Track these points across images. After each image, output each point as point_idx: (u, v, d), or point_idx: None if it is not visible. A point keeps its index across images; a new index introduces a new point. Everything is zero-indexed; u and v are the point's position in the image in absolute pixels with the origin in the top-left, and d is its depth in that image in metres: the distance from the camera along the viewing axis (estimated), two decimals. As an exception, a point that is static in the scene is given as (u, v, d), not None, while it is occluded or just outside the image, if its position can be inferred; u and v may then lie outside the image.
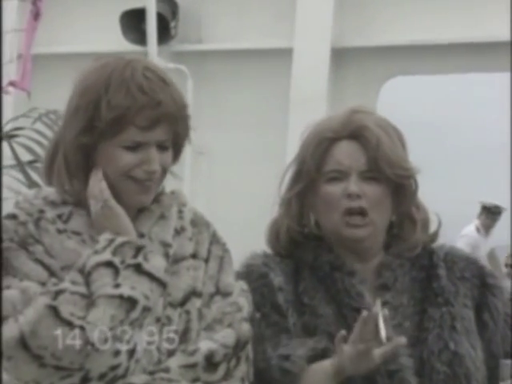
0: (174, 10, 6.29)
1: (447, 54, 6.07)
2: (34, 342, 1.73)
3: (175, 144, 1.87)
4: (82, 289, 1.77)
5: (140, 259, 1.80)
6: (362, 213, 1.98)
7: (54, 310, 1.73)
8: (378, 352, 1.83)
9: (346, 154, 2.03)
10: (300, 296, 2.04)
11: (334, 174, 2.00)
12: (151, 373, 1.80)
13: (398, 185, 2.00)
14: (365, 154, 2.00)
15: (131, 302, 1.78)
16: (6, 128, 3.96)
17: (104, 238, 1.82)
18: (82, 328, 1.72)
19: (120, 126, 1.82)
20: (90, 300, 1.78)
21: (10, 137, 3.84)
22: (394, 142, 2.02)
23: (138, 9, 5.87)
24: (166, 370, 1.81)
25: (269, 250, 2.10)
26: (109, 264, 1.79)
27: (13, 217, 1.89)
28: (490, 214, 9.68)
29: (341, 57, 6.20)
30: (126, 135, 1.82)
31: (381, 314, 1.82)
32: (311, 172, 2.02)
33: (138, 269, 1.79)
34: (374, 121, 2.03)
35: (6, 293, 1.79)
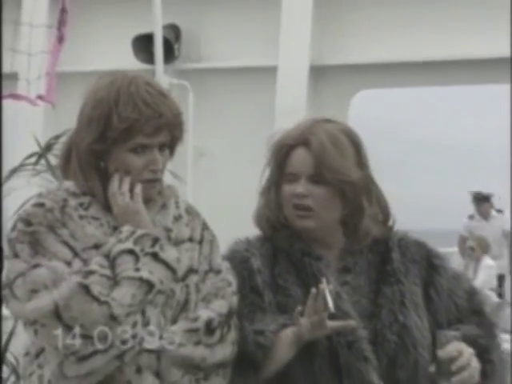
0: (177, 34, 6.53)
1: (408, 71, 6.40)
2: (66, 313, 1.83)
3: (171, 144, 2.01)
4: (108, 271, 1.87)
5: (157, 249, 1.90)
6: (307, 209, 2.10)
7: (85, 288, 1.84)
8: (330, 324, 1.99)
9: (299, 159, 2.12)
10: (275, 278, 2.13)
11: (290, 177, 2.12)
12: (159, 337, 1.90)
13: (340, 187, 2.10)
14: (312, 160, 2.09)
15: (149, 285, 1.89)
16: (45, 143, 4.35)
17: (126, 229, 1.91)
18: (107, 304, 1.84)
19: (130, 135, 1.93)
20: (114, 281, 1.87)
21: (48, 150, 4.26)
22: (340, 151, 2.11)
23: (146, 34, 5.99)
24: (173, 334, 1.92)
25: (252, 235, 2.21)
26: (130, 252, 1.89)
27: (41, 205, 1.97)
28: (477, 200, 9.83)
29: (318, 74, 6.42)
30: (134, 141, 1.95)
31: (327, 289, 1.97)
32: (274, 173, 2.16)
33: (155, 257, 1.89)
34: (326, 131, 2.11)
35: (38, 270, 1.89)
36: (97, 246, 1.96)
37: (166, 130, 1.98)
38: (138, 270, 1.89)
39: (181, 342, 1.93)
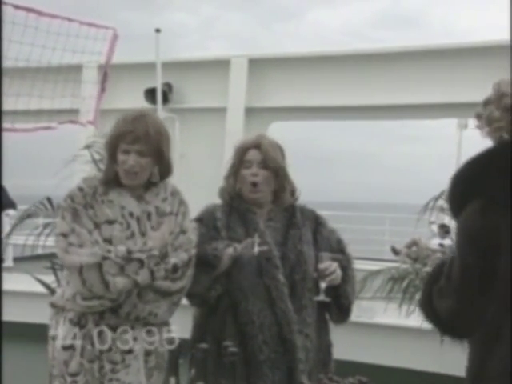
0: (170, 88, 7.40)
1: (301, 112, 7.17)
2: (84, 273, 2.16)
3: (155, 155, 2.26)
4: (119, 260, 2.18)
5: (155, 268, 2.24)
6: (256, 185, 2.49)
7: (99, 266, 2.16)
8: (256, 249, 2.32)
9: (252, 154, 2.53)
10: (229, 223, 2.51)
11: (247, 164, 2.52)
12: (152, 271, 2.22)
13: (276, 171, 2.52)
14: (260, 155, 2.53)
15: (137, 284, 2.24)
16: (88, 142, 5.58)
17: (155, 250, 2.22)
18: (107, 282, 2.18)
19: (117, 141, 2.27)
20: (120, 268, 2.17)
21: (89, 147, 5.53)
22: (275, 151, 2.55)
23: (152, 88, 7.05)
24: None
25: (218, 201, 2.53)
26: (141, 261, 2.23)
27: (81, 189, 2.26)
28: None
29: (249, 111, 7.28)
30: (121, 147, 2.27)
31: (257, 240, 2.36)
32: (236, 164, 2.56)
33: (152, 274, 2.26)
34: (266, 140, 2.58)
35: (71, 237, 2.18)
36: (108, 221, 2.20)
37: (140, 141, 2.19)
38: (137, 274, 2.17)
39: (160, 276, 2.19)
